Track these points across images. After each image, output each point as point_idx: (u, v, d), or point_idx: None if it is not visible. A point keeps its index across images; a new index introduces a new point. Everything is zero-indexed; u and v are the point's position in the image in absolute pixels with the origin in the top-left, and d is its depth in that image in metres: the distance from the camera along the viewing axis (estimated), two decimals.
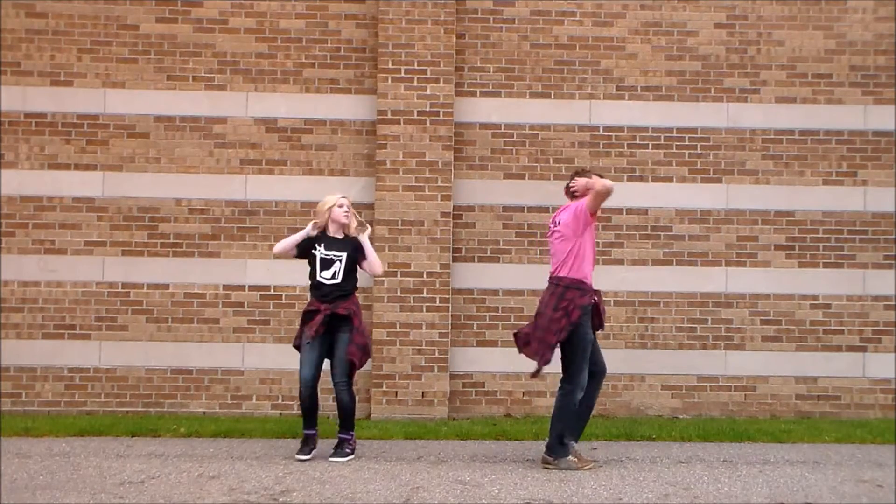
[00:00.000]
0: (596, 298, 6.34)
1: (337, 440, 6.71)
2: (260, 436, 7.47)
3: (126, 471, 6.22)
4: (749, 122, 8.75)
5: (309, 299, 6.73)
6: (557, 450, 6.32)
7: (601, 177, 6.35)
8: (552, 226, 6.45)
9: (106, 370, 8.48)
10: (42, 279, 8.49)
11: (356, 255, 6.72)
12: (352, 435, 6.72)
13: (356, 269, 6.74)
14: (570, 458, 6.32)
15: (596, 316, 6.34)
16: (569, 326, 6.12)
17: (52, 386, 8.45)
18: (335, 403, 6.70)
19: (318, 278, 6.62)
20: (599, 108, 8.73)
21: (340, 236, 6.74)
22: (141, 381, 8.48)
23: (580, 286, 6.20)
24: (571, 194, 6.47)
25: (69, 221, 8.53)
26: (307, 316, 6.64)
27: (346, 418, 6.66)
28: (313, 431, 6.64)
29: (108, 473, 6.15)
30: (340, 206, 6.71)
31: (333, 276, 6.61)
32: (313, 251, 6.65)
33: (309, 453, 6.57)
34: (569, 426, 6.32)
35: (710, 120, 8.73)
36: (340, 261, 6.64)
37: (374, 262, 6.74)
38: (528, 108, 8.70)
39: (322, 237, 6.71)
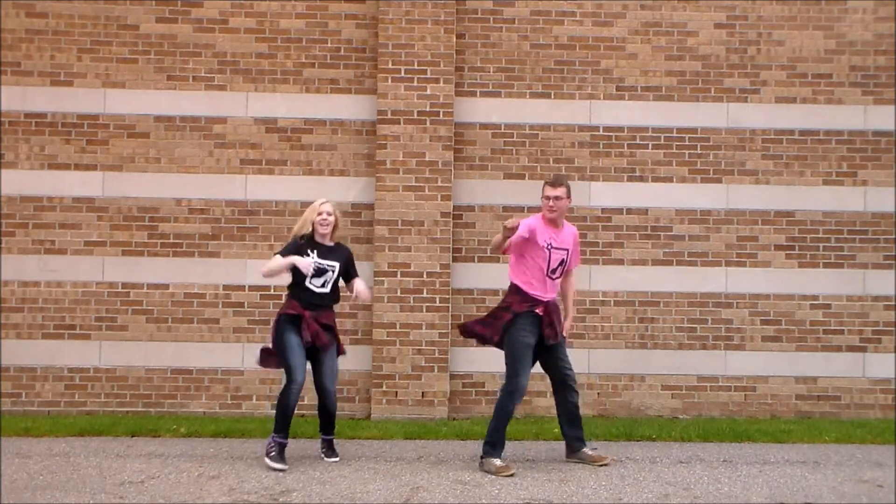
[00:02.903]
0: (539, 311, 6.28)
1: (325, 442, 6.67)
2: (260, 436, 7.46)
3: (126, 471, 6.22)
4: (749, 122, 8.75)
5: (287, 300, 6.54)
6: (486, 448, 6.33)
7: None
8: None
9: (106, 370, 8.48)
10: (42, 279, 8.49)
11: (348, 266, 6.63)
12: (334, 435, 6.71)
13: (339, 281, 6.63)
14: (493, 460, 6.27)
15: (547, 327, 6.29)
16: (492, 321, 6.38)
17: (52, 386, 8.45)
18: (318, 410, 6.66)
19: (308, 284, 6.42)
20: (599, 108, 8.73)
21: (330, 243, 6.60)
22: (141, 381, 8.48)
23: (518, 291, 6.34)
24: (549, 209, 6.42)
25: (69, 221, 8.53)
26: (287, 318, 6.43)
27: (334, 422, 6.66)
28: (288, 440, 6.47)
29: (108, 473, 6.15)
30: (320, 214, 6.52)
31: (324, 286, 6.48)
32: (305, 258, 6.49)
33: (285, 461, 6.36)
34: (500, 427, 6.27)
35: (710, 120, 8.73)
36: (333, 271, 6.50)
37: (363, 291, 6.66)
38: (528, 108, 8.70)
39: (312, 243, 6.54)
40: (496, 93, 8.72)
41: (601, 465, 6.44)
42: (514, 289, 6.38)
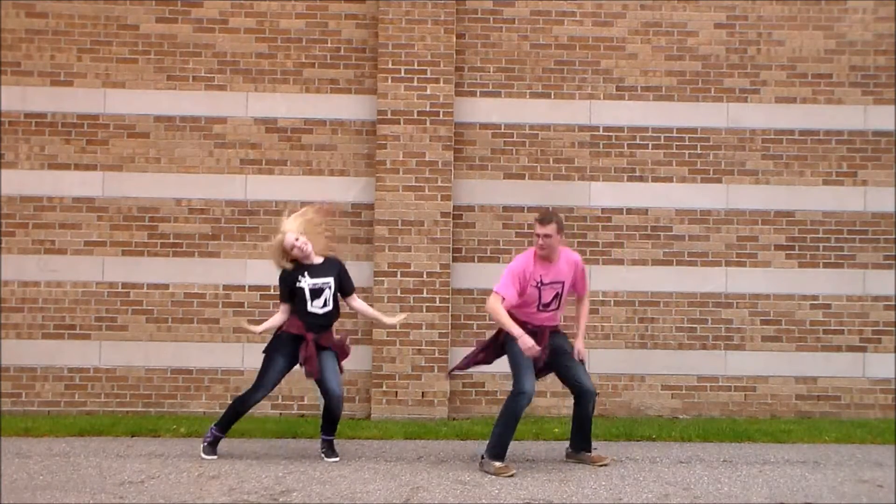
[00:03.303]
0: (531, 327, 6.30)
1: (325, 442, 6.67)
2: (260, 436, 7.47)
3: (126, 471, 6.22)
4: (749, 122, 8.75)
5: (291, 318, 6.56)
6: (488, 450, 6.34)
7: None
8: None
9: (106, 370, 8.48)
10: (42, 279, 8.49)
11: (342, 278, 6.66)
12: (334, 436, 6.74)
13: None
14: (494, 462, 6.27)
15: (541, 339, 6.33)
16: (490, 342, 6.59)
17: (52, 386, 8.45)
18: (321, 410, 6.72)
19: (311, 309, 6.50)
20: (599, 108, 8.73)
21: (319, 260, 6.64)
22: (141, 381, 8.48)
23: (511, 314, 6.33)
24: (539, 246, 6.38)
25: (69, 221, 8.53)
26: (288, 337, 6.51)
27: (336, 424, 6.67)
28: (221, 434, 6.67)
29: (108, 473, 6.15)
30: (294, 249, 6.51)
31: (325, 305, 6.54)
32: (298, 284, 6.51)
33: (215, 453, 6.62)
34: (506, 431, 6.28)
35: (710, 120, 8.73)
36: (329, 287, 6.56)
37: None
38: (528, 108, 8.70)
39: (301, 266, 6.58)
40: (496, 93, 8.72)
41: (601, 466, 6.45)
42: (509, 313, 6.37)
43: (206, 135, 8.62)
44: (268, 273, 8.46)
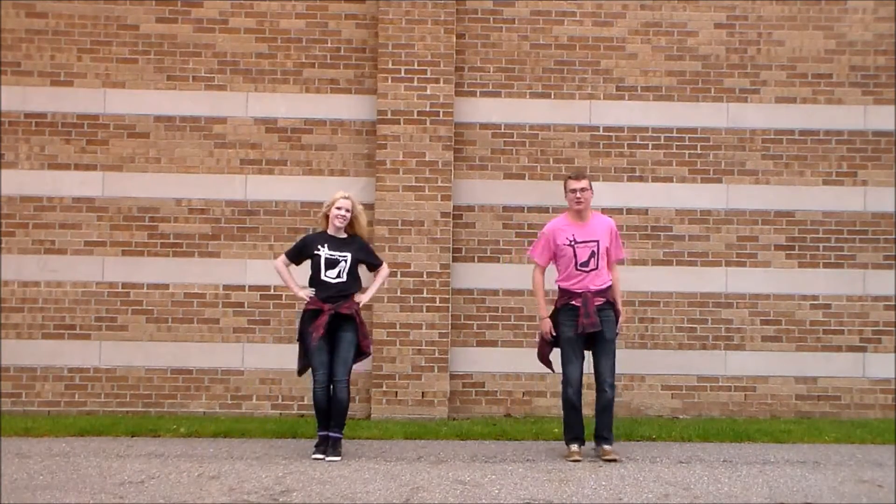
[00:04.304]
0: (575, 302, 6.57)
1: (326, 439, 6.65)
2: (260, 436, 7.47)
3: (126, 471, 6.22)
4: (749, 122, 8.75)
5: (309, 297, 6.74)
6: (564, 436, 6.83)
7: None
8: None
9: (106, 370, 8.48)
10: (42, 279, 8.49)
11: (359, 255, 6.73)
12: (342, 434, 6.72)
13: (358, 269, 6.74)
14: (568, 446, 6.74)
15: (582, 317, 6.55)
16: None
17: (52, 386, 8.44)
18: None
19: (324, 278, 6.62)
20: (599, 108, 8.73)
21: (342, 235, 6.75)
22: (141, 381, 8.48)
23: (559, 289, 6.74)
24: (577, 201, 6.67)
25: (69, 221, 8.53)
26: (309, 315, 6.65)
27: (342, 417, 6.65)
28: (328, 432, 6.64)
29: (108, 473, 6.15)
30: (339, 209, 6.69)
31: (338, 276, 6.63)
32: (316, 252, 6.65)
33: (325, 452, 6.58)
34: (564, 417, 6.76)
35: (710, 120, 8.73)
36: (346, 260, 6.64)
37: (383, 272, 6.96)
38: (528, 108, 8.70)
39: (324, 237, 6.73)
40: (496, 93, 8.72)
41: (607, 460, 6.53)
42: (558, 288, 6.73)
43: (206, 135, 8.62)
44: (268, 273, 8.49)
